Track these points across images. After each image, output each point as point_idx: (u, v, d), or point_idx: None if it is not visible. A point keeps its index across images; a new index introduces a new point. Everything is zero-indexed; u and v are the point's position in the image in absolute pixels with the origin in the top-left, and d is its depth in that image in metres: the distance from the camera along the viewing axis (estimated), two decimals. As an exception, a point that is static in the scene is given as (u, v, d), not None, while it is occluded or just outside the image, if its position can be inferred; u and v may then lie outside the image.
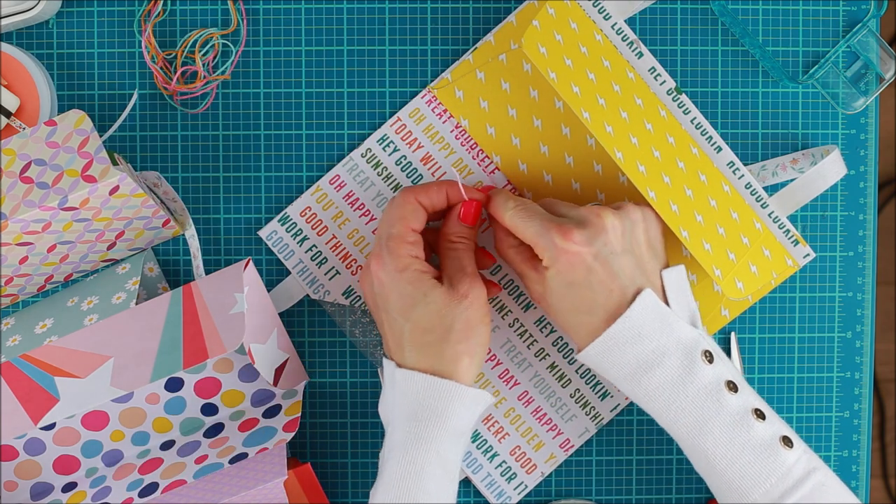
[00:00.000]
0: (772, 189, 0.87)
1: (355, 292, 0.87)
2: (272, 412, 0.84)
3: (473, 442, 0.87)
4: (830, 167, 0.84)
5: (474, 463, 0.87)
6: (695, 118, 0.86)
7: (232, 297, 0.78)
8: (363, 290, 0.81)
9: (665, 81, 0.86)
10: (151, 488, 0.81)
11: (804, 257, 0.86)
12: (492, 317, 0.87)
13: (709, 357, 0.76)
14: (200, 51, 0.86)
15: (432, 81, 0.87)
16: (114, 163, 0.77)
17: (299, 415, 0.82)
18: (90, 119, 0.81)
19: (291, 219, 0.87)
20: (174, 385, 0.84)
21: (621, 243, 0.76)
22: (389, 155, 0.86)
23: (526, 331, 0.87)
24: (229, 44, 0.86)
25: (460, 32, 0.87)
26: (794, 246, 0.86)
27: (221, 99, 0.87)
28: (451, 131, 0.86)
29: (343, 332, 0.87)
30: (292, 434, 0.81)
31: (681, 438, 0.77)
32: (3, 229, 0.75)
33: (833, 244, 0.88)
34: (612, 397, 0.87)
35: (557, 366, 0.87)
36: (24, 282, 0.84)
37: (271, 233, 0.87)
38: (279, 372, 0.84)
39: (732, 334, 0.88)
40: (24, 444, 0.84)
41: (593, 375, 0.87)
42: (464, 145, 0.86)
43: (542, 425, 0.87)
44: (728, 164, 0.86)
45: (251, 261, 0.81)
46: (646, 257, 0.77)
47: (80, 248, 0.83)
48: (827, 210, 0.88)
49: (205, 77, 0.85)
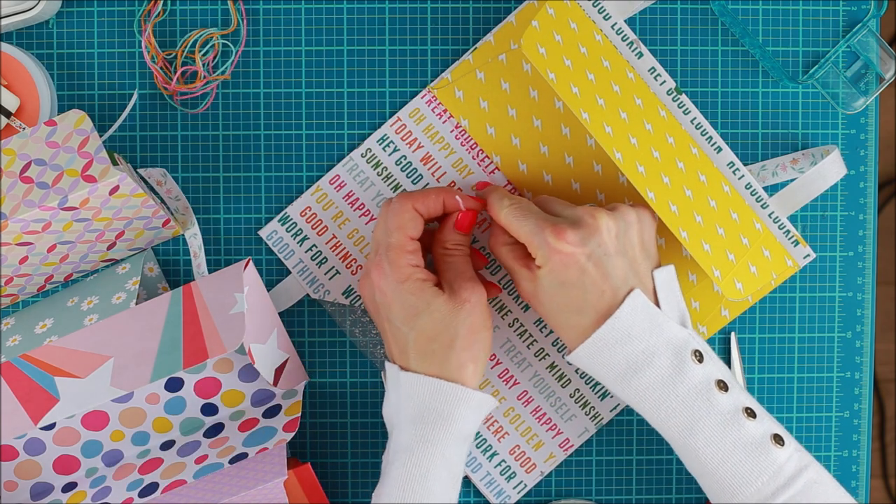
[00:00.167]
0: (772, 189, 0.87)
1: (355, 292, 0.87)
2: (272, 412, 0.84)
3: (473, 441, 0.87)
4: (830, 167, 0.84)
5: (474, 462, 0.87)
6: (695, 118, 0.86)
7: (232, 297, 0.78)
8: (363, 295, 0.81)
9: (665, 81, 0.86)
10: (151, 488, 0.81)
11: (804, 258, 0.86)
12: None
13: (698, 357, 0.76)
14: (200, 51, 0.86)
15: (432, 81, 0.87)
16: (114, 163, 0.77)
17: (299, 415, 0.82)
18: (90, 119, 0.81)
19: (291, 219, 0.87)
20: (174, 385, 0.84)
21: (615, 245, 0.76)
22: (389, 155, 0.86)
23: (526, 331, 0.87)
24: (229, 44, 0.86)
25: (460, 32, 0.87)
26: (795, 246, 0.86)
27: (221, 99, 0.87)
28: (451, 131, 0.86)
29: (343, 331, 0.87)
30: (292, 434, 0.81)
31: (672, 438, 0.77)
32: (3, 229, 0.75)
33: (833, 244, 0.88)
34: (611, 397, 0.87)
35: (557, 365, 0.87)
36: (24, 282, 0.84)
37: (271, 233, 0.87)
38: (279, 372, 0.84)
39: (732, 334, 0.88)
40: (24, 444, 0.84)
41: (593, 375, 0.87)
42: (464, 145, 0.86)
43: (542, 425, 0.87)
44: (728, 165, 0.86)
45: (251, 261, 0.81)
46: (639, 259, 0.77)
47: (80, 248, 0.83)
48: (827, 210, 0.88)
49: (205, 77, 0.85)
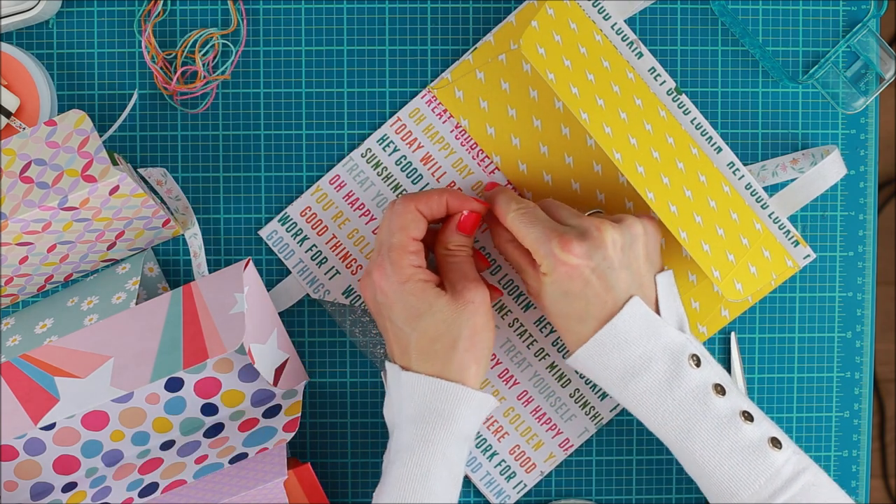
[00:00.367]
0: (772, 189, 0.87)
1: (355, 292, 0.87)
2: (272, 412, 0.84)
3: (473, 441, 0.87)
4: (830, 167, 0.84)
5: (474, 462, 0.87)
6: (695, 118, 0.86)
7: (232, 297, 0.78)
8: (364, 295, 0.80)
9: (665, 81, 0.86)
10: (151, 488, 0.81)
11: (804, 258, 0.86)
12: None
13: (696, 361, 0.76)
14: (200, 51, 0.86)
15: (432, 81, 0.87)
16: (114, 163, 0.77)
17: (299, 415, 0.82)
18: (90, 119, 0.81)
19: (291, 219, 0.87)
20: (174, 385, 0.84)
21: (620, 258, 0.76)
22: (389, 155, 0.86)
23: (526, 331, 0.87)
24: (229, 44, 0.86)
25: (460, 32, 0.87)
26: (795, 247, 0.86)
27: (221, 99, 0.87)
28: (451, 131, 0.86)
29: (343, 331, 0.87)
30: (292, 434, 0.81)
31: (670, 442, 0.78)
32: (3, 229, 0.75)
33: (833, 244, 0.88)
34: (611, 397, 0.87)
35: (557, 365, 0.87)
36: (24, 282, 0.84)
37: (271, 233, 0.87)
38: (279, 372, 0.84)
39: (732, 334, 0.88)
40: (24, 444, 0.84)
41: (593, 375, 0.87)
42: (464, 145, 0.86)
43: (542, 425, 0.87)
44: (728, 165, 0.86)
45: (251, 261, 0.81)
46: (643, 269, 0.78)
47: (80, 248, 0.83)
48: (827, 210, 0.88)
49: (205, 77, 0.85)
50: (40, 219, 0.76)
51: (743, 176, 0.86)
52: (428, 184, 0.86)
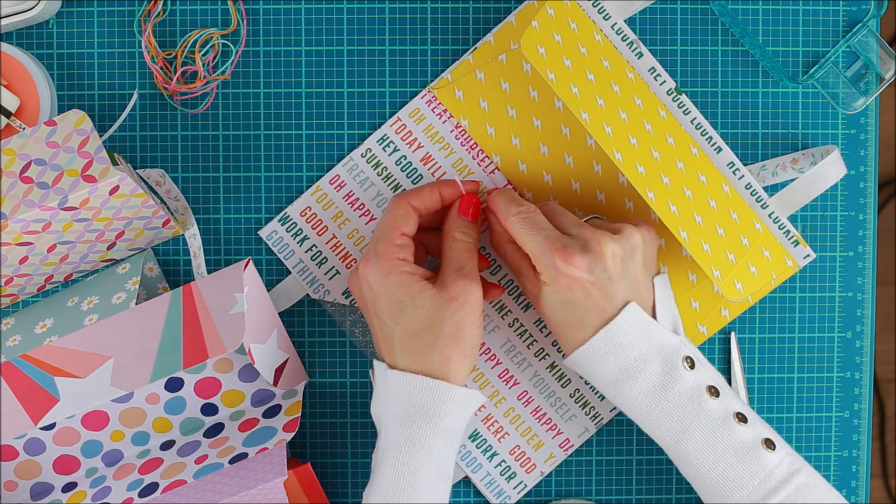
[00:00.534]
0: (772, 189, 0.87)
1: (355, 292, 0.87)
2: (272, 412, 0.84)
3: (473, 441, 0.87)
4: (830, 167, 0.84)
5: (474, 462, 0.87)
6: (695, 118, 0.86)
7: (232, 297, 0.78)
8: (352, 291, 0.81)
9: (665, 81, 0.86)
10: (151, 488, 0.81)
11: (804, 258, 0.86)
12: (492, 317, 0.87)
13: (690, 363, 0.77)
14: (200, 51, 0.86)
15: (432, 81, 0.87)
16: (114, 163, 0.77)
17: (299, 415, 0.82)
18: (90, 119, 0.81)
19: (291, 219, 0.87)
20: (174, 385, 0.84)
21: (619, 270, 0.77)
22: (389, 155, 0.86)
23: (526, 331, 0.87)
24: (229, 44, 0.86)
25: (460, 32, 0.87)
26: (795, 247, 0.86)
27: (221, 99, 0.87)
28: (451, 131, 0.86)
29: (343, 331, 0.87)
30: (292, 434, 0.81)
31: (664, 444, 0.78)
32: (3, 229, 0.75)
33: (833, 244, 0.88)
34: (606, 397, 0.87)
35: (557, 366, 0.87)
36: (24, 282, 0.84)
37: (271, 233, 0.87)
38: (279, 372, 0.84)
39: (732, 334, 0.88)
40: (24, 444, 0.84)
41: (593, 375, 0.87)
42: (464, 145, 0.86)
43: (542, 425, 0.87)
44: (728, 165, 0.86)
45: (251, 261, 0.81)
46: (640, 277, 0.78)
47: (80, 248, 0.83)
48: (827, 210, 0.88)
49: (205, 77, 0.85)
50: (40, 219, 0.76)
51: (743, 176, 0.86)
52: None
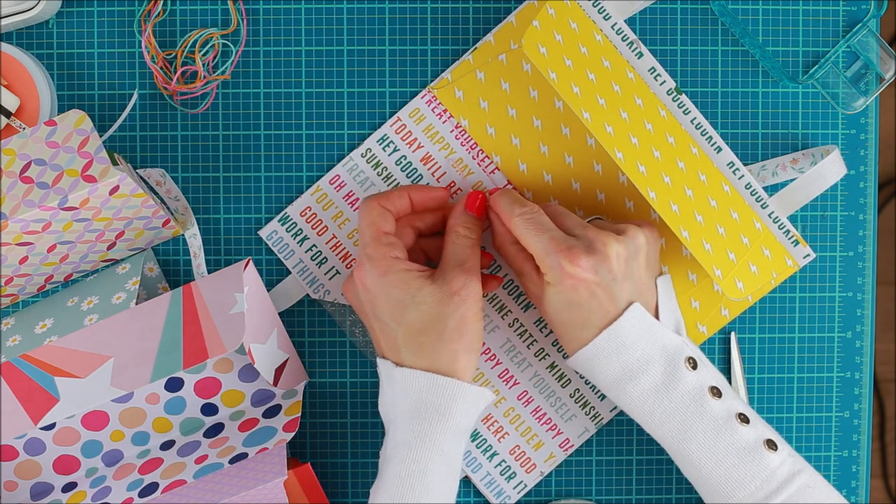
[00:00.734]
0: (772, 189, 0.87)
1: (355, 292, 0.87)
2: (272, 412, 0.84)
3: (473, 441, 0.87)
4: (830, 167, 0.84)
5: (474, 462, 0.87)
6: (695, 118, 0.86)
7: (232, 297, 0.78)
8: (348, 298, 0.81)
9: (665, 81, 0.86)
10: (151, 488, 0.81)
11: (804, 258, 0.86)
12: (491, 317, 0.87)
13: (692, 364, 0.77)
14: (200, 51, 0.86)
15: (432, 81, 0.87)
16: (114, 163, 0.77)
17: (299, 415, 0.82)
18: (90, 119, 0.81)
19: (291, 219, 0.87)
20: (174, 385, 0.84)
21: (623, 271, 0.77)
22: (389, 155, 0.86)
23: (526, 331, 0.87)
24: (229, 44, 0.86)
25: (460, 32, 0.87)
26: (795, 246, 0.86)
27: (221, 99, 0.87)
28: (451, 131, 0.86)
29: (343, 332, 0.87)
30: (292, 434, 0.81)
31: (667, 444, 0.78)
32: (3, 229, 0.75)
33: (833, 244, 0.88)
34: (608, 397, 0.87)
35: (557, 365, 0.87)
36: (24, 282, 0.84)
37: (271, 233, 0.87)
38: (279, 372, 0.84)
39: (732, 334, 0.88)
40: (24, 444, 0.84)
41: (593, 375, 0.87)
42: (464, 145, 0.86)
43: (542, 425, 0.87)
44: (728, 165, 0.86)
45: (251, 261, 0.81)
46: (644, 277, 0.78)
47: (80, 248, 0.83)
48: (827, 210, 0.88)
49: (205, 77, 0.85)
50: (40, 219, 0.76)
51: (743, 175, 0.86)
52: (428, 184, 0.86)
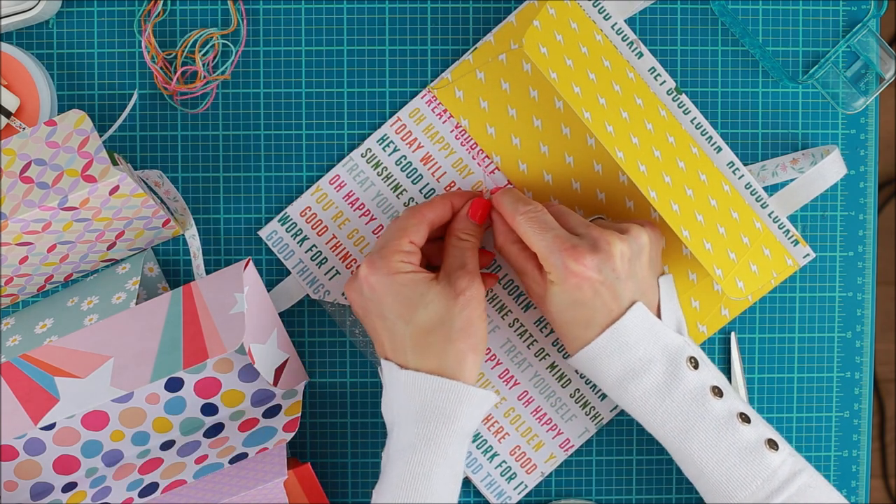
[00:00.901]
0: (772, 189, 0.87)
1: (355, 292, 0.87)
2: (272, 412, 0.84)
3: (473, 442, 0.87)
4: (830, 167, 0.84)
5: (474, 463, 0.87)
6: (695, 118, 0.86)
7: (232, 297, 0.78)
8: (350, 297, 0.80)
9: (665, 81, 0.86)
10: (151, 488, 0.81)
11: (804, 257, 0.86)
12: (492, 317, 0.87)
13: (694, 363, 0.77)
14: (200, 51, 0.86)
15: (432, 81, 0.87)
16: (114, 163, 0.77)
17: (299, 415, 0.82)
18: (90, 119, 0.81)
19: (291, 219, 0.87)
20: (174, 385, 0.84)
21: (627, 270, 0.77)
22: (389, 155, 0.86)
23: (526, 331, 0.87)
24: (229, 44, 0.86)
25: (460, 32, 0.87)
26: (794, 246, 0.86)
27: (221, 99, 0.87)
28: (451, 131, 0.86)
29: (343, 332, 0.87)
30: (292, 434, 0.81)
31: (668, 443, 0.78)
32: (3, 229, 0.75)
33: (833, 244, 0.88)
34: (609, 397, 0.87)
35: (557, 366, 0.87)
36: (24, 282, 0.84)
37: (271, 233, 0.87)
38: (279, 372, 0.84)
39: (732, 334, 0.88)
40: (24, 444, 0.84)
41: (593, 375, 0.87)
42: (464, 145, 0.86)
43: (542, 425, 0.87)
44: (728, 164, 0.86)
45: (251, 261, 0.81)
46: (647, 277, 0.78)
47: (80, 248, 0.83)
48: (827, 210, 0.88)
49: (205, 77, 0.85)
50: (40, 219, 0.76)
51: (742, 175, 0.86)
52: (428, 183, 0.86)
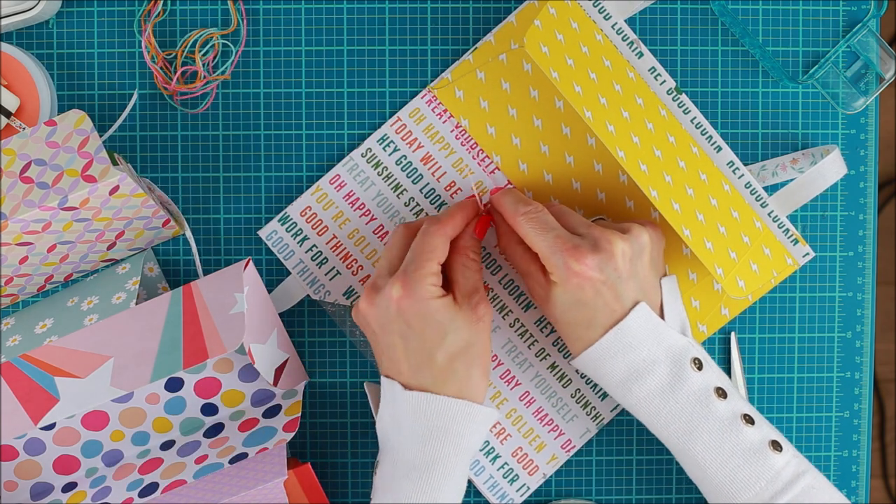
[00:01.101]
0: (772, 189, 0.87)
1: (356, 292, 0.87)
2: (272, 412, 0.84)
3: (474, 442, 0.87)
4: (830, 167, 0.84)
5: (476, 465, 0.87)
6: (695, 118, 0.86)
7: (232, 297, 0.78)
8: (368, 311, 0.78)
9: (665, 81, 0.86)
10: (151, 488, 0.81)
11: (804, 256, 0.86)
12: (493, 317, 0.87)
13: (698, 364, 0.77)
14: (200, 51, 0.86)
15: (432, 81, 0.87)
16: (114, 163, 0.77)
17: (299, 415, 0.82)
18: (90, 119, 0.81)
19: (291, 219, 0.86)
20: (174, 385, 0.84)
21: (629, 269, 0.77)
22: (389, 155, 0.86)
23: (526, 331, 0.87)
24: (229, 44, 0.86)
25: (460, 32, 0.87)
26: (794, 245, 0.86)
27: (221, 99, 0.87)
28: (451, 131, 0.86)
29: (343, 332, 0.87)
30: (292, 434, 0.81)
31: (671, 444, 0.78)
32: (3, 229, 0.75)
33: (833, 244, 0.88)
34: (612, 397, 0.87)
35: (558, 366, 0.87)
36: (24, 282, 0.84)
37: (271, 233, 0.87)
38: (279, 372, 0.84)
39: (732, 334, 0.88)
40: (24, 444, 0.84)
41: (593, 375, 0.87)
42: (464, 145, 0.86)
43: (544, 426, 0.87)
44: (728, 164, 0.86)
45: (251, 261, 0.81)
46: (648, 276, 0.78)
47: (80, 248, 0.82)
48: (827, 210, 0.88)
49: (205, 77, 0.85)
50: (40, 219, 0.76)
51: (742, 175, 0.86)
52: (428, 183, 0.86)
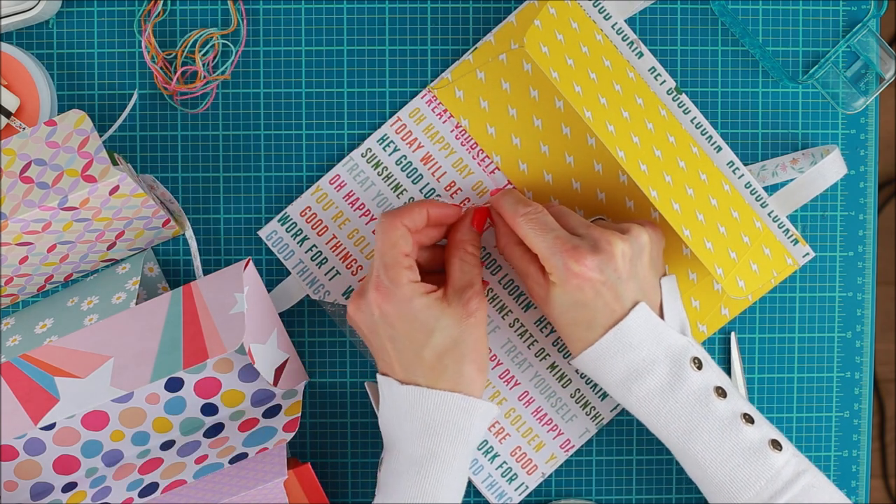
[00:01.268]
0: (772, 189, 0.87)
1: (355, 292, 0.87)
2: (272, 412, 0.84)
3: (473, 442, 0.87)
4: (830, 167, 0.84)
5: (475, 464, 0.87)
6: (695, 118, 0.86)
7: (232, 297, 0.78)
8: (356, 317, 0.78)
9: (665, 81, 0.86)
10: (151, 488, 0.81)
11: (804, 256, 0.86)
12: (492, 317, 0.87)
13: (697, 364, 0.77)
14: (200, 51, 0.86)
15: (432, 81, 0.87)
16: (114, 163, 0.77)
17: (299, 415, 0.82)
18: (90, 119, 0.81)
19: (291, 219, 0.87)
20: (174, 385, 0.84)
21: (628, 270, 0.77)
22: (389, 155, 0.86)
23: (526, 331, 0.87)
24: (229, 44, 0.86)
25: (460, 32, 0.87)
26: (794, 245, 0.86)
27: (221, 99, 0.87)
28: (451, 131, 0.86)
29: (343, 331, 0.87)
30: (292, 434, 0.81)
31: (672, 444, 0.78)
32: (3, 229, 0.75)
33: (833, 244, 0.88)
34: (611, 397, 0.87)
35: (558, 366, 0.87)
36: (24, 282, 0.84)
37: (271, 233, 0.87)
38: (279, 372, 0.84)
39: (732, 334, 0.88)
40: (24, 444, 0.84)
41: (593, 375, 0.87)
42: (464, 145, 0.86)
43: (543, 426, 0.87)
44: (728, 164, 0.86)
45: (251, 261, 0.81)
46: (648, 277, 0.78)
47: (80, 248, 0.83)
48: (827, 210, 0.88)
49: (205, 77, 0.85)
50: (40, 219, 0.76)
51: (742, 175, 0.86)
52: (428, 183, 0.86)
